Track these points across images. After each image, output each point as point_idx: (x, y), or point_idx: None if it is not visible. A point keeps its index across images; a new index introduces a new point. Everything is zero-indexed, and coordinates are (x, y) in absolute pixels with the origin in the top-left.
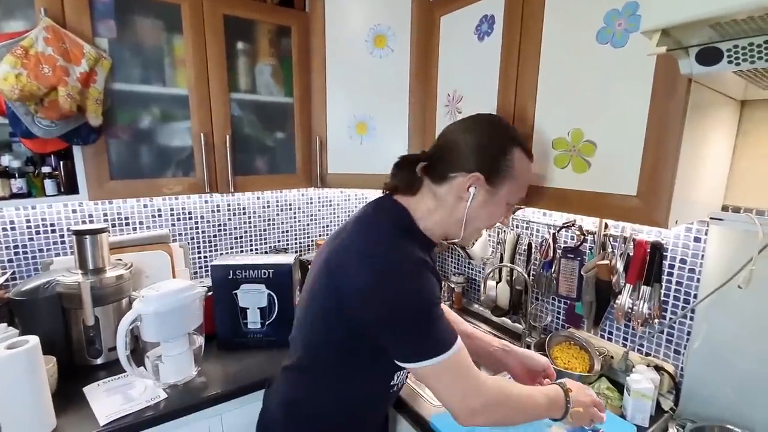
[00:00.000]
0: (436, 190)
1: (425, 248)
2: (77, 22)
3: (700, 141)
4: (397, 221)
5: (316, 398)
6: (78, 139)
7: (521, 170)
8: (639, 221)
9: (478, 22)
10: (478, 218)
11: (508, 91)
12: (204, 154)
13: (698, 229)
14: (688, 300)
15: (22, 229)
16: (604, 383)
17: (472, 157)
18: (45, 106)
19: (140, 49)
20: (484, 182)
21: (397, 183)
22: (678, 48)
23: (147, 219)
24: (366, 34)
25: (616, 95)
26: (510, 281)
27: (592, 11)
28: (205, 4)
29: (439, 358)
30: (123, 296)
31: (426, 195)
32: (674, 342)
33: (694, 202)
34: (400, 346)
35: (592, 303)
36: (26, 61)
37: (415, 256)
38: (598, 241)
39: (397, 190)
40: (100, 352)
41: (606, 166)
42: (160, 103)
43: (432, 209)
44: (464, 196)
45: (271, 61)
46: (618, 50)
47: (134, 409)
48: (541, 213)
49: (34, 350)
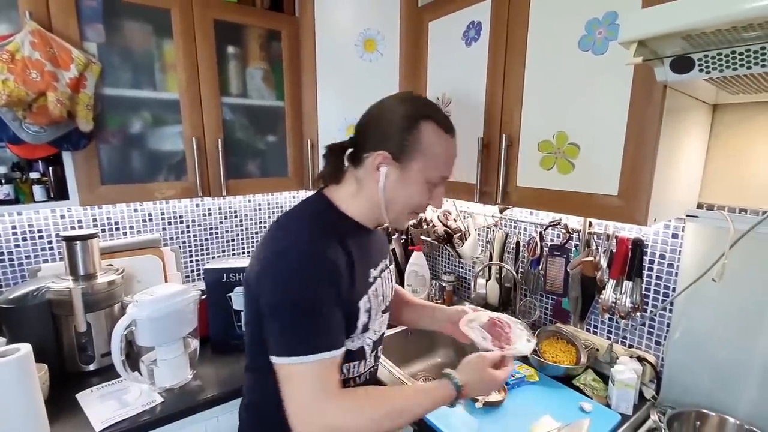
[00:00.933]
0: (356, 174)
1: (342, 236)
2: (64, 26)
3: (676, 143)
4: (310, 211)
5: (271, 397)
6: (68, 145)
7: (431, 144)
8: (620, 219)
9: (465, 27)
10: (396, 199)
11: (496, 96)
12: (196, 158)
13: (676, 226)
14: (667, 293)
15: (8, 235)
16: (590, 375)
17: (378, 135)
18: (34, 111)
19: (130, 53)
20: (392, 160)
21: (324, 174)
22: (654, 58)
23: (137, 223)
24: (356, 39)
25: (598, 100)
26: (499, 279)
27: (575, 20)
28: (195, 8)
29: (288, 360)
30: (115, 302)
31: (348, 181)
32: (655, 333)
33: (671, 200)
34: (269, 335)
35: (578, 298)
36: (12, 66)
37: (309, 245)
38: (582, 239)
39: (326, 181)
40: (93, 358)
41: (589, 167)
42: (151, 107)
43: (354, 194)
44: (376, 177)
45: (262, 65)
46: (599, 57)
47: (130, 414)
48: (528, 212)
49: (26, 358)
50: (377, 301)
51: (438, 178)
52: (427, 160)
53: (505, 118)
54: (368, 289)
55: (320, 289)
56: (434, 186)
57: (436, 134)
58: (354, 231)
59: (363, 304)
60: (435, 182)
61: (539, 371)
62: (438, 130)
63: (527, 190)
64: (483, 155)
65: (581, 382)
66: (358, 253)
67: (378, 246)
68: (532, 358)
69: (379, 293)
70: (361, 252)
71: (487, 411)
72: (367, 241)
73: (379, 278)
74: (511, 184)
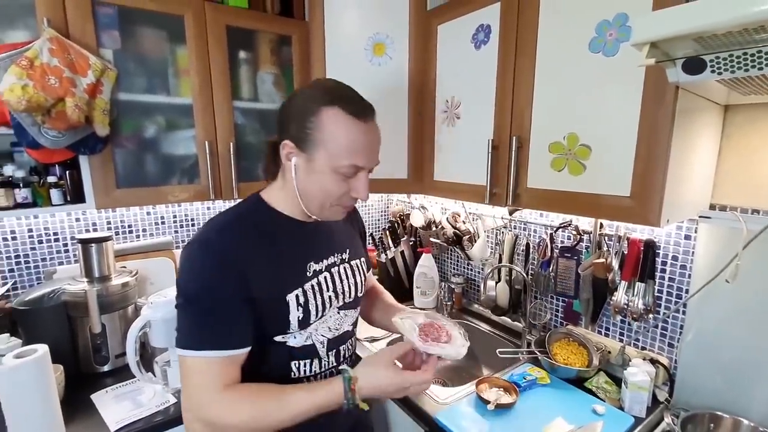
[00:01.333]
0: (282, 167)
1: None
2: (81, 33)
3: (688, 144)
4: (237, 209)
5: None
6: (85, 149)
7: (334, 132)
8: (633, 221)
9: (474, 30)
10: (310, 191)
11: (505, 98)
12: (209, 162)
13: (688, 227)
14: (680, 295)
15: (24, 238)
16: (603, 377)
17: (285, 124)
18: (52, 116)
19: (144, 59)
20: (298, 150)
21: (263, 170)
22: (666, 60)
23: (150, 226)
24: (365, 43)
25: (609, 101)
26: (509, 281)
27: (585, 22)
28: (208, 14)
29: (179, 351)
30: (129, 303)
31: (279, 175)
32: (668, 335)
33: (684, 201)
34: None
35: (590, 300)
36: (32, 72)
37: (211, 236)
38: (593, 241)
39: (266, 178)
40: (107, 359)
41: (600, 168)
42: (164, 112)
43: (281, 188)
44: (289, 168)
45: (273, 70)
46: (610, 59)
47: (144, 415)
48: (538, 214)
49: (43, 359)
50: (323, 297)
51: (348, 167)
52: (332, 148)
53: (515, 120)
54: (303, 283)
55: (213, 281)
56: (349, 176)
57: (340, 120)
58: (285, 225)
59: (293, 297)
60: (346, 172)
61: (551, 373)
62: (343, 115)
63: (538, 191)
64: (493, 157)
65: (593, 385)
66: (288, 246)
67: (326, 239)
68: (543, 360)
69: (325, 288)
70: (294, 246)
71: (499, 413)
72: (307, 234)
73: (325, 273)
74: (521, 185)
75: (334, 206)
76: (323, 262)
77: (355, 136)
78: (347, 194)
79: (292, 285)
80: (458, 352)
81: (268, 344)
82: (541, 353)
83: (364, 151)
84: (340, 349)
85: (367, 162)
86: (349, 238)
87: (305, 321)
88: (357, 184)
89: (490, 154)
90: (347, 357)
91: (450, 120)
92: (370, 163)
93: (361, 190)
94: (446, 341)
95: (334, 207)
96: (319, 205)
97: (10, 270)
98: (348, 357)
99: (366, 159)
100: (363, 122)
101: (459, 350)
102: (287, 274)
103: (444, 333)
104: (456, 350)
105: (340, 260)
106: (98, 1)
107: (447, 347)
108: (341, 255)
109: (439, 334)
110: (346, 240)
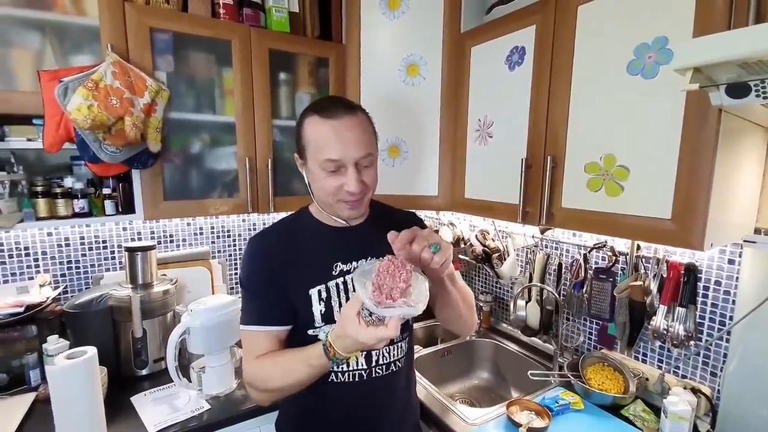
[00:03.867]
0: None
1: (300, 230)
2: (140, 58)
3: (732, 166)
4: (286, 218)
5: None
6: (138, 164)
7: (311, 134)
8: (674, 243)
9: (508, 52)
10: (316, 192)
11: (539, 118)
12: (248, 177)
13: (732, 251)
14: (723, 322)
15: (76, 245)
16: (640, 405)
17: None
18: (112, 134)
19: (194, 81)
20: (301, 160)
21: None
22: (709, 85)
23: (190, 236)
24: (399, 64)
25: (648, 123)
26: (540, 301)
27: (622, 44)
28: (253, 39)
29: (240, 326)
30: (168, 310)
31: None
32: (710, 364)
33: (728, 225)
34: None
35: (626, 324)
36: (96, 93)
37: (254, 241)
38: (630, 263)
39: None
40: (146, 363)
41: (639, 190)
42: (209, 130)
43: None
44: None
45: (310, 90)
46: (649, 81)
47: (180, 419)
48: (570, 234)
49: (91, 361)
50: (348, 295)
51: (326, 162)
52: (312, 149)
53: (550, 140)
54: (327, 281)
55: (255, 267)
56: (335, 171)
57: (314, 123)
58: (318, 229)
59: (315, 292)
60: (327, 167)
61: (584, 399)
62: (315, 118)
63: (573, 211)
64: (526, 176)
65: (630, 413)
66: (318, 247)
67: (358, 243)
68: (576, 384)
69: (351, 288)
70: (323, 247)
71: None
72: (337, 237)
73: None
74: (555, 205)
75: (337, 202)
76: (351, 264)
77: (324, 133)
78: (341, 189)
79: (317, 281)
80: (416, 309)
81: (305, 338)
82: (575, 377)
83: (334, 145)
84: (376, 354)
85: (341, 154)
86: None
87: (328, 316)
88: (345, 177)
89: (523, 173)
90: (378, 362)
91: (482, 139)
92: (345, 155)
93: (349, 182)
94: (405, 286)
95: (338, 203)
96: (326, 203)
97: (62, 275)
98: (379, 362)
99: (339, 152)
100: (331, 119)
101: (417, 307)
102: (313, 270)
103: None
104: (412, 309)
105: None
106: (156, 28)
107: (404, 307)
108: (373, 260)
109: (396, 281)
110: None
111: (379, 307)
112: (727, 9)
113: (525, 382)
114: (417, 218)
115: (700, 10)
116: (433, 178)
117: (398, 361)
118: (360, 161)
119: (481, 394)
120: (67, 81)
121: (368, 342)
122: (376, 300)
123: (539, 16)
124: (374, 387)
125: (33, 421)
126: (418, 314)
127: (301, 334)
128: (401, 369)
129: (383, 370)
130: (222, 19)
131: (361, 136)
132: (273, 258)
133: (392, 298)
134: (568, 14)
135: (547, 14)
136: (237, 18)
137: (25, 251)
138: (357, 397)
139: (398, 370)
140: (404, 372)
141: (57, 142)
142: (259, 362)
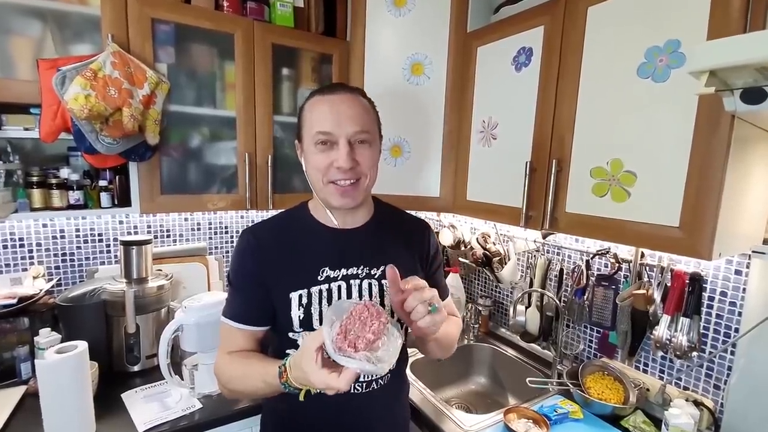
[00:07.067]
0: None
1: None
2: (140, 48)
3: (743, 174)
4: (280, 212)
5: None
6: (135, 156)
7: (308, 113)
8: (681, 252)
9: (515, 53)
10: (309, 173)
11: (546, 121)
12: (247, 173)
13: (739, 262)
14: (728, 333)
15: (71, 237)
16: (640, 416)
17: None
18: (109, 125)
19: (195, 73)
20: (299, 144)
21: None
22: (725, 89)
23: (186, 232)
24: (404, 62)
25: (658, 128)
26: (540, 307)
27: (633, 47)
28: (257, 33)
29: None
30: (162, 306)
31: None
32: (714, 376)
33: (737, 234)
34: None
35: (628, 333)
36: (95, 83)
37: (243, 236)
38: (633, 270)
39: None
40: (138, 359)
41: (647, 196)
42: (209, 124)
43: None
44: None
45: (313, 86)
46: (659, 85)
47: (171, 418)
48: (573, 239)
49: (81, 355)
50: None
51: (318, 134)
52: (307, 126)
53: (555, 143)
54: (310, 286)
55: (240, 263)
56: (324, 145)
57: (313, 102)
58: (313, 229)
59: (296, 296)
60: (319, 140)
61: (583, 408)
62: (316, 98)
63: (577, 216)
64: (530, 179)
65: (630, 424)
66: (307, 248)
67: (355, 250)
68: (575, 393)
69: (336, 297)
70: (313, 249)
71: None
72: (331, 240)
73: (340, 282)
74: (559, 209)
75: (327, 185)
76: (340, 271)
77: (319, 107)
78: (332, 166)
79: (299, 284)
80: (376, 369)
81: (286, 340)
82: (574, 385)
83: (327, 117)
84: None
85: (333, 127)
86: (393, 257)
87: (307, 323)
88: (336, 152)
89: (527, 176)
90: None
91: (486, 140)
92: (337, 128)
93: (339, 158)
94: (372, 338)
95: (328, 186)
96: (318, 187)
97: (56, 267)
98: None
99: (331, 124)
100: (327, 95)
101: (378, 367)
102: (297, 273)
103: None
104: (372, 367)
105: (365, 274)
106: (158, 19)
107: (363, 362)
108: (369, 269)
109: (364, 331)
110: (386, 257)
111: (337, 353)
112: (743, 12)
113: (523, 389)
114: (428, 230)
115: (714, 12)
116: (435, 179)
117: (381, 379)
118: (354, 137)
119: (478, 400)
120: (65, 70)
121: (316, 384)
122: (337, 345)
123: (548, 17)
124: (351, 404)
125: (22, 415)
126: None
127: (283, 335)
128: (385, 386)
129: (363, 387)
130: (225, 12)
131: (357, 112)
132: (258, 256)
133: (355, 347)
134: (577, 15)
135: (555, 15)
136: (241, 11)
137: (20, 242)
138: (333, 407)
139: (381, 387)
140: (390, 388)
141: (54, 131)
142: (228, 359)
